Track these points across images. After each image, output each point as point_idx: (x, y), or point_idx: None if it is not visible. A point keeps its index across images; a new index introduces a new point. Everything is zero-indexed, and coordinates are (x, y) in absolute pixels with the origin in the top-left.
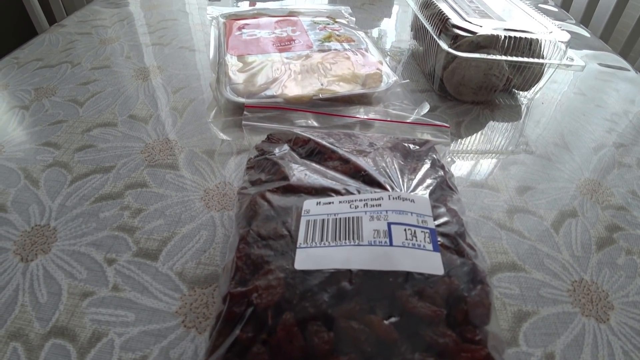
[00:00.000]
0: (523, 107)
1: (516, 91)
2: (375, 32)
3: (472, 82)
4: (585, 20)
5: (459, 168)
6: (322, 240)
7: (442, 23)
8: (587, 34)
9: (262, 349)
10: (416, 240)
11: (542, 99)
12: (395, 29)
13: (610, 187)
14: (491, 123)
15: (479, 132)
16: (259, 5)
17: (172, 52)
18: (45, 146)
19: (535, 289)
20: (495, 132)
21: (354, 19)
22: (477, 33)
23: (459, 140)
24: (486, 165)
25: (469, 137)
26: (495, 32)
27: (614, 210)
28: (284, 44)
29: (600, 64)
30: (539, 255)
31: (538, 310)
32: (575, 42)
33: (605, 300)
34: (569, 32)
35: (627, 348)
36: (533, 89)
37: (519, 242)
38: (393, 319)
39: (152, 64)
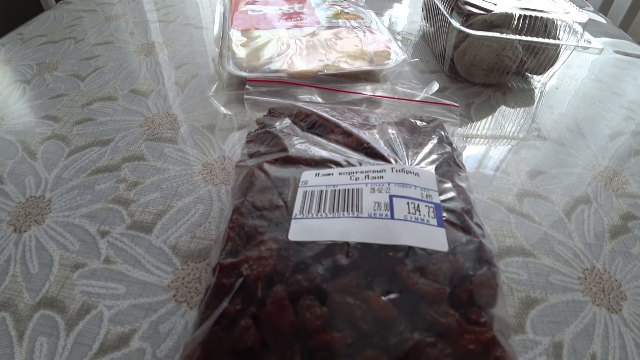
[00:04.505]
0: (536, 91)
1: (529, 75)
2: (386, 14)
3: (484, 63)
4: (604, 9)
5: (468, 150)
6: (319, 211)
7: (455, 0)
8: (604, 22)
9: (250, 323)
10: (419, 215)
11: (557, 85)
12: (407, 11)
13: (626, 175)
14: (502, 107)
15: (490, 116)
16: None
17: (178, 29)
18: (45, 119)
19: (544, 275)
20: (507, 117)
21: None
22: (491, 11)
23: (469, 123)
24: (496, 148)
25: (479, 120)
26: (509, 11)
27: (629, 198)
28: (291, 20)
29: (617, 52)
30: (549, 241)
31: (547, 298)
32: (592, 30)
33: (618, 290)
34: None
35: None
36: (547, 72)
37: (528, 227)
38: (392, 296)
39: (156, 40)
